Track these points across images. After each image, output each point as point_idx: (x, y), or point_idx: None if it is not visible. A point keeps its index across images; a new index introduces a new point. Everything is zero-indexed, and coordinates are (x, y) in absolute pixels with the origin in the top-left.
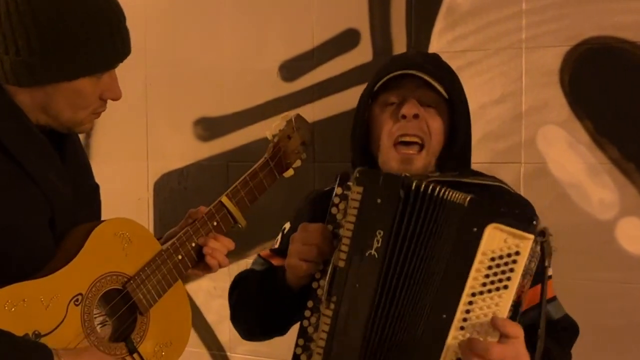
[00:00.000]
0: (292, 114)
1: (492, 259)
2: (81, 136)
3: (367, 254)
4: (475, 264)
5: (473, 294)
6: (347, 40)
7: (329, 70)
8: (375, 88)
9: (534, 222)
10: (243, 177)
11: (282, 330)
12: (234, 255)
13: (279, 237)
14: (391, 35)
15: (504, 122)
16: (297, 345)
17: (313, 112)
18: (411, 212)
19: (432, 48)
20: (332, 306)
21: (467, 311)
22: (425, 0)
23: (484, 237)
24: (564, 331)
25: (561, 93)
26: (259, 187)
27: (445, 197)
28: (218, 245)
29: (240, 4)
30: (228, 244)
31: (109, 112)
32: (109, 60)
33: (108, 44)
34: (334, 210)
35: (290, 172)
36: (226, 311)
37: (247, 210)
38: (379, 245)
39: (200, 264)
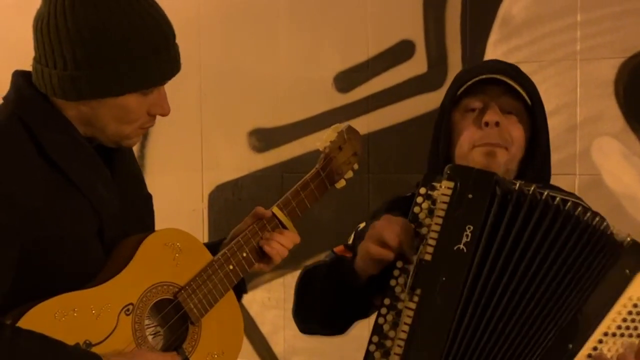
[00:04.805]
0: (343, 125)
1: (635, 305)
2: (135, 147)
3: (455, 248)
4: (617, 306)
5: (605, 334)
6: (401, 51)
7: (383, 81)
8: (459, 92)
9: None
10: (294, 187)
11: (341, 327)
12: (287, 266)
13: (353, 235)
14: (446, 46)
15: (559, 134)
16: (370, 342)
17: (368, 123)
18: (526, 218)
19: (487, 59)
20: (416, 299)
21: (595, 348)
22: (480, 12)
23: (634, 282)
24: None
25: (616, 104)
26: (310, 197)
27: (595, 224)
28: (277, 237)
29: (295, 15)
30: (292, 237)
31: (163, 123)
32: (154, 77)
33: (154, 61)
34: (416, 209)
35: (342, 183)
36: (280, 322)
37: (298, 219)
38: (469, 240)
39: (264, 258)
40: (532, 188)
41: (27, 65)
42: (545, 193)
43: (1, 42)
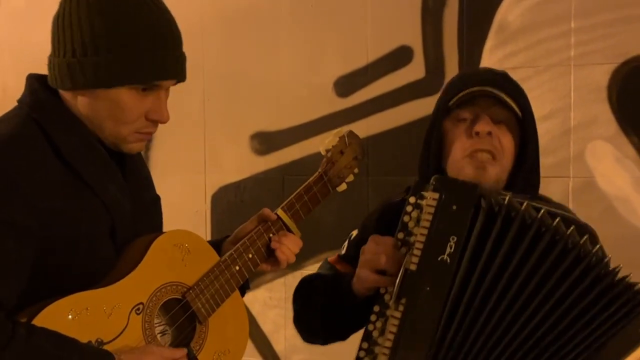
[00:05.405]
0: (344, 129)
1: None
2: None
3: (439, 259)
4: (635, 354)
5: None
6: (400, 57)
7: (382, 86)
8: (451, 103)
9: None
10: (298, 190)
11: (343, 336)
12: (289, 267)
13: (346, 243)
14: (443, 52)
15: (553, 137)
16: (360, 348)
17: (367, 127)
18: (519, 234)
19: (483, 65)
20: (401, 308)
21: None
22: (477, 18)
23: None
24: None
25: (609, 109)
26: (313, 200)
27: (612, 270)
28: (287, 241)
29: (297, 21)
30: (298, 242)
31: (167, 125)
32: (146, 73)
33: (147, 57)
34: (406, 218)
35: (343, 187)
36: (282, 321)
37: (301, 222)
38: (452, 251)
39: (270, 259)
40: (525, 204)
41: (36, 69)
42: (542, 211)
43: (11, 46)
